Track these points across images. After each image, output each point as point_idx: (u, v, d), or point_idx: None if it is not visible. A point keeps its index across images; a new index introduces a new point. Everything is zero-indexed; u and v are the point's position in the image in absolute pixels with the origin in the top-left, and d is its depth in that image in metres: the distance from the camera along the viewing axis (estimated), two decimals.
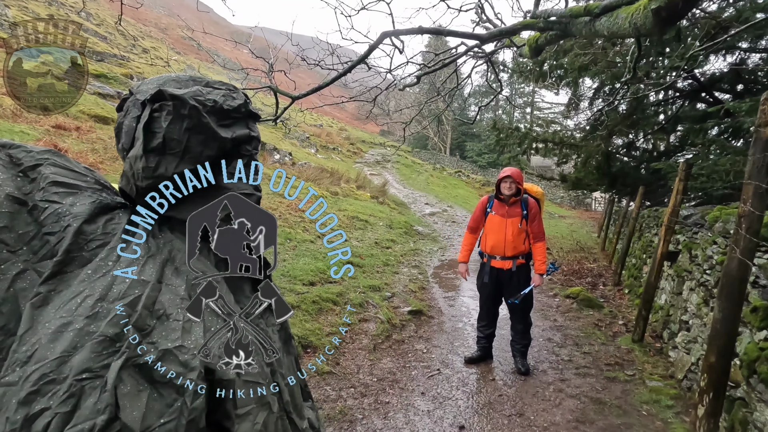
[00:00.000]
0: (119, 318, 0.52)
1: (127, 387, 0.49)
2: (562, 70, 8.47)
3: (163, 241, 0.65)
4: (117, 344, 0.51)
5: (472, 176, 28.68)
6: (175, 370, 0.53)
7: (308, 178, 12.35)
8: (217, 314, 0.66)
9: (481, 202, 3.81)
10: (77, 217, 0.59)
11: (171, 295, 0.59)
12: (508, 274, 3.67)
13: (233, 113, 0.73)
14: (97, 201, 0.64)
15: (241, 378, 0.60)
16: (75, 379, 0.47)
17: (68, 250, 0.56)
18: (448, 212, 15.06)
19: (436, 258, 8.57)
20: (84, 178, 0.68)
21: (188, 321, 0.58)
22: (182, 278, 0.62)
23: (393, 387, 3.41)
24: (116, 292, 0.54)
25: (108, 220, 0.63)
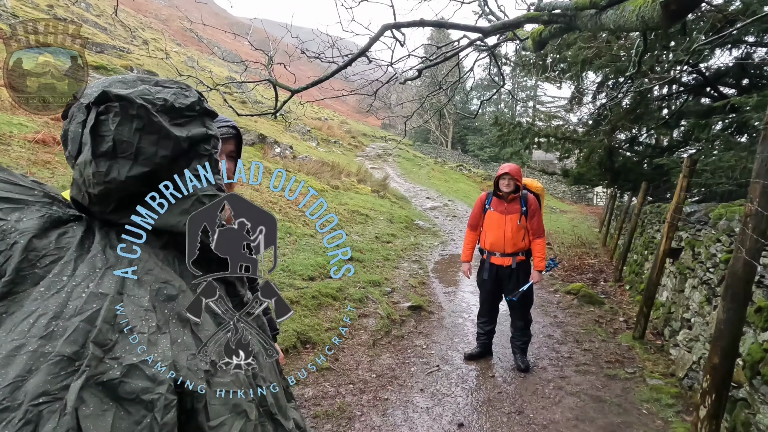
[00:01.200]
0: (77, 335, 0.49)
1: (89, 408, 0.46)
2: (565, 63, 8.37)
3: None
4: (76, 363, 0.48)
5: (474, 170, 28.58)
6: (143, 385, 0.50)
7: (309, 172, 12.29)
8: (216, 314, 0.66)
9: (480, 199, 3.77)
10: (24, 233, 0.56)
11: (134, 307, 0.56)
12: (508, 271, 3.64)
13: (186, 111, 0.70)
14: (46, 215, 0.61)
15: (213, 388, 0.58)
16: (31, 404, 0.44)
17: (18, 269, 0.53)
18: (449, 206, 15.02)
19: (436, 253, 8.54)
20: (30, 192, 0.64)
21: (154, 333, 0.55)
22: (145, 288, 0.59)
23: (392, 383, 3.39)
24: (72, 308, 0.51)
25: (61, 234, 0.60)
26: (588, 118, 9.82)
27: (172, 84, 0.72)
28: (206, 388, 0.56)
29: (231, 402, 0.58)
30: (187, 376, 0.55)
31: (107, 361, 0.50)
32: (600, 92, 9.04)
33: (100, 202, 0.65)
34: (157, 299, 0.59)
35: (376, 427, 2.81)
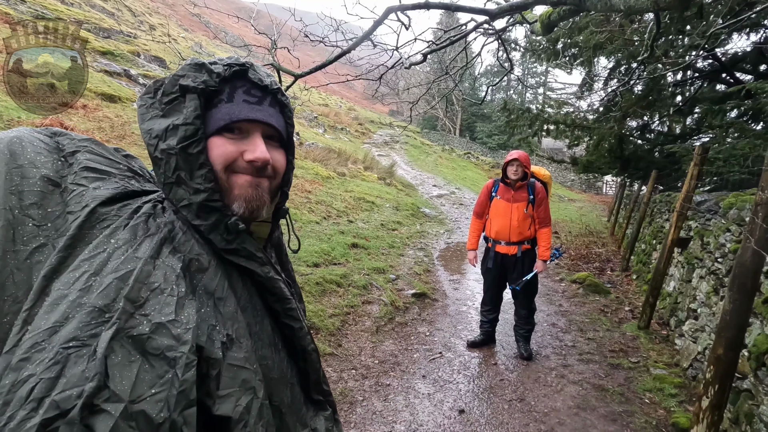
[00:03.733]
0: (109, 289, 0.53)
1: (118, 357, 0.50)
2: (576, 48, 8.18)
3: (164, 222, 0.65)
4: (106, 315, 0.52)
5: (482, 158, 28.33)
6: (168, 342, 0.54)
7: (315, 159, 12.27)
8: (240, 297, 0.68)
9: (486, 187, 3.72)
10: (96, 199, 0.61)
11: (166, 271, 0.59)
12: (513, 260, 3.61)
13: (164, 98, 0.71)
14: (120, 187, 0.66)
15: (226, 361, 0.60)
16: (61, 347, 0.48)
17: (80, 227, 0.58)
18: (456, 194, 14.93)
19: (442, 240, 8.52)
20: (117, 165, 0.69)
21: (182, 298, 0.58)
22: (178, 258, 0.62)
23: (394, 369, 3.42)
24: (110, 267, 0.55)
25: (125, 204, 0.64)
26: (599, 104, 9.62)
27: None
28: (221, 358, 0.59)
29: (241, 377, 0.60)
30: (206, 343, 0.57)
31: (137, 317, 0.53)
32: (612, 78, 8.83)
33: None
34: (188, 269, 0.62)
35: (377, 412, 2.84)
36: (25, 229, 0.57)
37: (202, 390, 0.56)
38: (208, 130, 0.68)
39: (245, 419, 0.59)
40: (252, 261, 0.70)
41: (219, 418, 0.58)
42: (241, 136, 0.70)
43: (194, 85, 0.67)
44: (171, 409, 0.51)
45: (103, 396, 0.47)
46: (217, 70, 0.68)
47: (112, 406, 0.47)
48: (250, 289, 0.71)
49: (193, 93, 0.67)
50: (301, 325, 0.78)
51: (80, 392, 0.46)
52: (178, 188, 0.67)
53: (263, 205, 0.72)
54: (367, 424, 2.71)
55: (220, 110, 0.68)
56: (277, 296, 0.74)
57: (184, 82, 0.67)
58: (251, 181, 0.70)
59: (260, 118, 0.70)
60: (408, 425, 2.74)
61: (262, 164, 0.70)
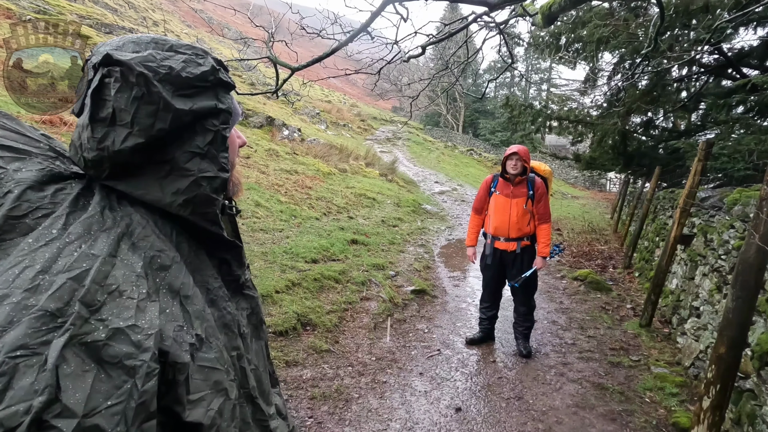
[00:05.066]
0: (63, 291, 0.48)
1: (70, 367, 0.45)
2: (579, 43, 8.08)
3: (120, 215, 0.60)
4: (59, 320, 0.47)
5: (485, 155, 28.20)
6: (126, 350, 0.49)
7: (317, 155, 12.22)
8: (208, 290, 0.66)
9: (486, 182, 3.67)
10: (20, 183, 0.55)
11: (126, 271, 0.54)
12: (512, 256, 3.56)
13: (196, 81, 0.65)
14: (47, 168, 0.59)
15: (196, 363, 0.57)
16: (7, 356, 0.43)
17: (7, 216, 0.52)
18: (458, 191, 14.86)
19: (443, 237, 8.47)
20: (36, 144, 0.63)
21: (143, 300, 0.54)
22: (139, 255, 0.58)
23: (391, 367, 3.38)
24: (61, 265, 0.50)
25: (58, 189, 0.58)
26: (602, 100, 9.52)
27: (188, 50, 0.67)
28: (189, 362, 0.55)
29: (212, 378, 0.57)
30: (171, 347, 0.54)
31: (93, 322, 0.49)
32: (615, 73, 8.73)
33: (94, 167, 0.63)
34: (150, 267, 0.58)
35: (373, 410, 2.80)
36: None
37: (170, 397, 0.53)
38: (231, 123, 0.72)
39: (217, 423, 0.56)
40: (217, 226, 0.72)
41: (190, 424, 0.54)
42: None
43: (231, 83, 0.70)
44: (129, 423, 0.47)
45: (53, 411, 0.43)
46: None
47: (63, 422, 0.43)
48: (221, 272, 0.72)
49: (228, 88, 0.70)
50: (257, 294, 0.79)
51: (28, 408, 0.42)
52: (204, 160, 0.66)
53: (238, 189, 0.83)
54: (362, 422, 2.68)
55: (235, 106, 0.74)
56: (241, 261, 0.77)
57: (224, 78, 0.69)
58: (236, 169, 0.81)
59: None
60: (404, 423, 2.71)
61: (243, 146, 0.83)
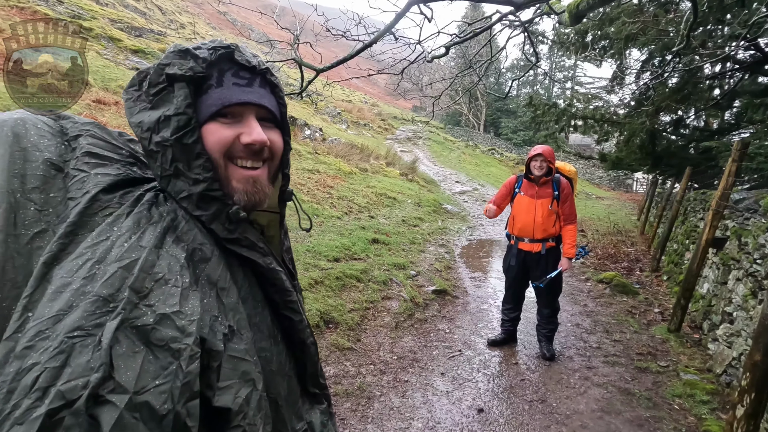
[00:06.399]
0: (114, 279, 0.53)
1: (122, 348, 0.49)
2: (606, 40, 7.90)
3: (166, 210, 0.64)
4: (111, 304, 0.51)
5: (506, 154, 27.82)
6: (172, 334, 0.53)
7: (338, 155, 12.32)
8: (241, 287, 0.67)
9: (509, 182, 3.64)
10: (97, 185, 0.61)
11: (170, 261, 0.58)
12: (537, 257, 3.52)
13: (151, 89, 0.69)
14: (122, 173, 0.65)
15: (227, 352, 0.60)
16: (66, 336, 0.48)
17: (81, 213, 0.58)
18: (479, 191, 14.73)
19: (464, 237, 8.43)
20: (119, 150, 0.68)
21: (186, 288, 0.57)
22: (182, 247, 0.61)
23: (413, 366, 3.39)
24: (114, 255, 0.55)
25: (127, 192, 0.63)
26: (630, 98, 9.28)
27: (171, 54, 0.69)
28: (222, 350, 0.58)
29: (240, 368, 0.60)
30: (208, 335, 0.57)
31: (142, 307, 0.52)
32: (644, 71, 8.49)
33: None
34: (191, 258, 0.61)
35: (394, 408, 2.83)
36: (27, 213, 0.56)
37: (203, 381, 0.56)
38: (200, 118, 0.65)
39: (244, 411, 0.58)
40: (253, 251, 0.69)
41: (218, 409, 0.57)
42: (234, 121, 0.68)
43: (181, 72, 0.64)
44: (175, 401, 0.50)
45: (108, 387, 0.47)
46: (203, 54, 0.66)
47: (117, 398, 0.47)
48: (250, 280, 0.69)
49: (181, 81, 0.64)
50: (301, 317, 0.76)
51: (86, 383, 0.46)
52: (176, 180, 0.65)
53: (265, 196, 0.71)
54: (385, 420, 2.70)
55: (211, 96, 0.66)
56: (277, 287, 0.72)
57: (170, 71, 0.64)
58: (248, 176, 0.68)
59: (252, 100, 0.68)
60: (425, 422, 2.72)
61: (259, 146, 0.68)
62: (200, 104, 0.66)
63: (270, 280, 0.72)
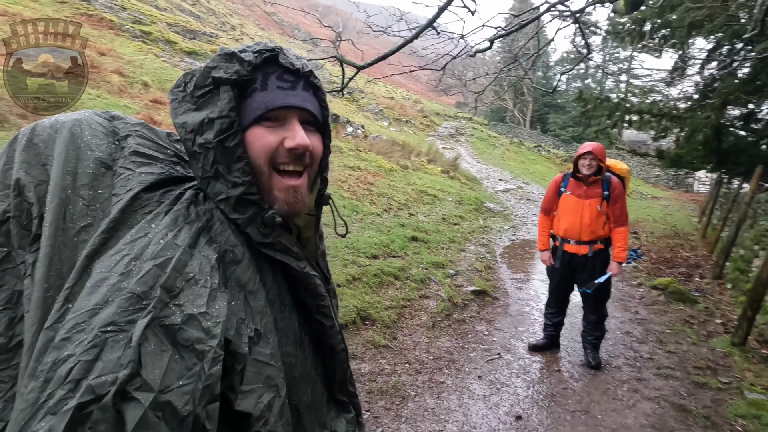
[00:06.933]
0: (148, 276, 0.54)
1: (150, 345, 0.50)
2: (667, 29, 7.35)
3: (203, 210, 0.65)
4: (144, 302, 0.52)
5: (553, 151, 26.73)
6: (198, 335, 0.53)
7: (379, 151, 12.35)
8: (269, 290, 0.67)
9: (555, 181, 3.47)
10: (141, 184, 0.62)
11: (202, 262, 0.59)
12: (583, 260, 3.34)
13: (197, 91, 0.70)
14: (165, 173, 0.66)
15: (252, 356, 0.59)
16: (100, 330, 0.49)
17: (122, 210, 0.59)
18: (523, 189, 14.27)
19: (506, 237, 8.19)
20: (164, 150, 0.71)
21: (215, 290, 0.58)
22: (214, 248, 0.62)
23: (449, 367, 3.33)
24: (150, 253, 0.56)
25: (168, 190, 0.65)
26: (693, 91, 8.60)
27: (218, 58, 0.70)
28: (247, 354, 0.58)
29: (265, 373, 0.59)
30: (234, 337, 0.57)
31: (172, 306, 0.53)
32: (710, 61, 7.84)
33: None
34: (222, 260, 0.62)
35: (429, 409, 2.79)
36: (76, 208, 0.59)
37: (225, 383, 0.56)
38: (244, 122, 0.66)
39: (266, 417, 0.58)
40: (288, 255, 0.69)
41: (240, 413, 0.56)
42: (278, 124, 0.68)
43: (227, 76, 0.65)
44: (196, 403, 0.50)
45: (135, 384, 0.47)
46: (248, 58, 0.66)
47: (142, 395, 0.47)
48: (279, 283, 0.69)
49: (226, 84, 0.65)
50: (333, 323, 0.75)
51: (114, 379, 0.47)
52: (216, 182, 0.66)
53: (305, 206, 0.71)
54: (419, 421, 2.67)
55: (255, 99, 0.66)
56: (310, 291, 0.72)
57: (216, 74, 0.65)
58: (289, 186, 0.69)
59: (296, 104, 0.68)
60: (460, 426, 2.66)
61: (302, 150, 0.68)
62: (245, 108, 0.66)
63: (303, 284, 0.72)
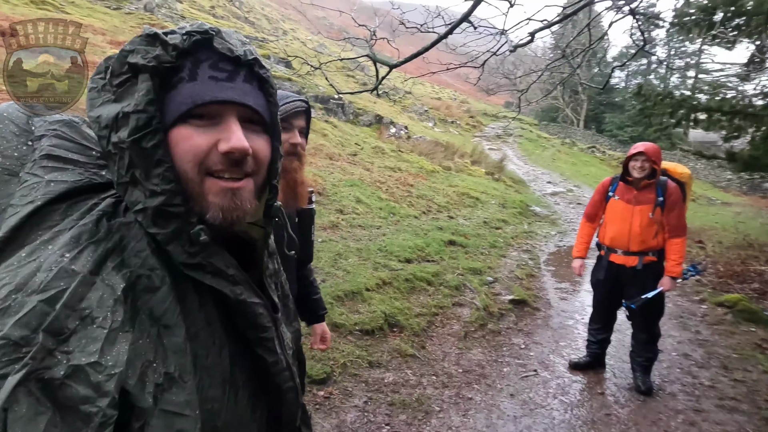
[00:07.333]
0: (31, 316, 0.42)
1: (22, 409, 0.40)
2: (742, 18, 6.62)
3: (118, 224, 0.53)
4: (23, 349, 0.41)
5: (609, 152, 25.16)
6: (84, 393, 0.43)
7: (421, 152, 12.19)
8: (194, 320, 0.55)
9: (602, 184, 3.18)
10: (46, 195, 0.52)
11: (104, 293, 0.47)
12: (632, 273, 3.02)
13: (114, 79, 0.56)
14: (82, 180, 0.55)
15: (159, 406, 0.48)
16: None
17: (16, 228, 0.49)
18: (573, 192, 13.52)
19: (552, 243, 7.74)
20: (89, 152, 0.60)
21: (115, 330, 0.46)
22: (124, 274, 0.50)
23: (479, 382, 3.14)
24: (37, 283, 0.44)
25: (76, 202, 0.53)
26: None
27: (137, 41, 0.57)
28: (150, 407, 0.47)
29: (176, 426, 0.48)
30: (134, 388, 0.46)
31: (57, 354, 0.43)
32: None
33: None
34: (133, 288, 0.50)
35: (453, 428, 2.62)
36: None
37: None
38: (168, 118, 0.54)
39: None
40: (219, 279, 0.57)
41: None
42: (210, 123, 0.56)
43: (144, 62, 0.53)
44: None
45: None
46: (174, 41, 0.54)
47: None
48: (209, 313, 0.57)
49: (144, 72, 0.53)
50: (277, 358, 0.63)
51: None
52: (133, 189, 0.54)
53: (245, 213, 0.59)
54: None
55: (181, 92, 0.54)
56: (249, 321, 0.60)
57: (133, 60, 0.53)
58: (227, 188, 0.56)
59: (232, 98, 0.56)
60: None
61: (240, 155, 0.55)
62: (168, 101, 0.55)
63: (241, 313, 0.59)
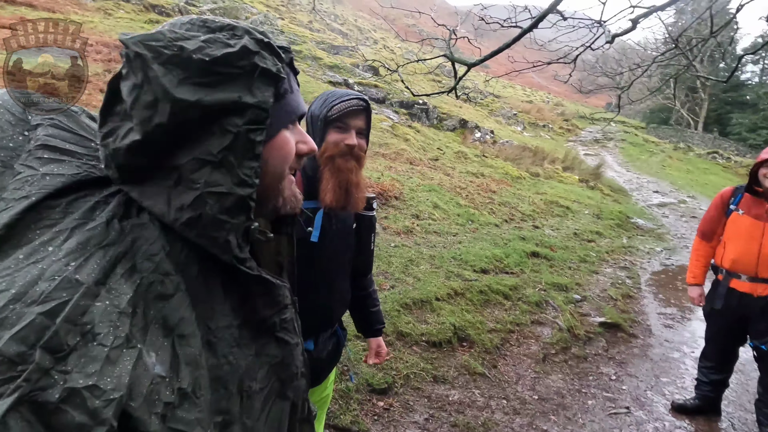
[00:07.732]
0: (30, 330, 0.38)
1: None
2: None
3: (130, 226, 0.49)
4: (18, 368, 0.37)
5: (735, 159, 21.65)
6: (79, 419, 0.38)
7: (507, 158, 11.64)
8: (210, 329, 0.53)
9: (721, 196, 2.66)
10: (43, 189, 0.48)
11: (108, 305, 0.43)
12: (761, 304, 2.46)
13: (217, 67, 0.50)
14: (82, 173, 0.52)
15: (168, 424, 0.44)
16: None
17: (10, 225, 0.45)
18: (687, 204, 11.83)
19: (657, 260, 6.80)
20: (87, 143, 0.57)
21: (117, 347, 0.42)
22: (133, 281, 0.46)
23: (557, 413, 2.80)
24: (38, 293, 0.40)
25: (76, 198, 0.50)
26: None
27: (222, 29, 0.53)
28: (156, 428, 0.43)
29: None
30: (138, 410, 0.41)
31: (54, 374, 0.39)
32: None
33: (107, 168, 0.54)
34: (144, 296, 0.46)
35: None
36: None
37: None
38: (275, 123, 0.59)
39: None
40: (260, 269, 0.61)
41: None
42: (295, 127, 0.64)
43: (275, 71, 0.56)
44: None
45: None
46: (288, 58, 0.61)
47: None
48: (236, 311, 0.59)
49: (269, 77, 0.55)
50: (298, 340, 0.68)
51: None
52: (216, 171, 0.51)
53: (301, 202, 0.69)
54: None
55: (289, 102, 0.61)
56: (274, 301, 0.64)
57: (263, 64, 0.54)
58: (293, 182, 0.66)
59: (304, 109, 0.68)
60: None
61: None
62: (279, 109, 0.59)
63: (261, 292, 0.62)
